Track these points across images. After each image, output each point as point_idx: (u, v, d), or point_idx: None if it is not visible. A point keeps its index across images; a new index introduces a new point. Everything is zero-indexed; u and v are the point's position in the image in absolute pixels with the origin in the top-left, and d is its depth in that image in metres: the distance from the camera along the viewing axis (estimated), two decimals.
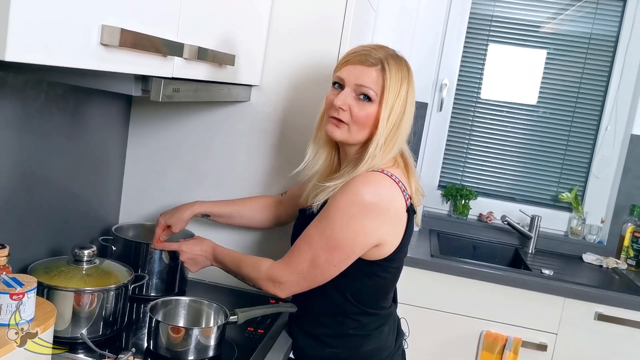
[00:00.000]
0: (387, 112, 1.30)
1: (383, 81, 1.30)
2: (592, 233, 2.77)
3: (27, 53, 0.74)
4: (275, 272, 1.36)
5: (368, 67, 1.31)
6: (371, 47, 1.34)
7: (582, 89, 2.83)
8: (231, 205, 1.70)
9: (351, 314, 1.38)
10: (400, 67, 1.32)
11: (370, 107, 1.31)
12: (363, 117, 1.31)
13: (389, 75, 1.30)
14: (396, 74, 1.31)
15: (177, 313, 1.41)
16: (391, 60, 1.32)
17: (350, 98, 1.31)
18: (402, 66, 1.33)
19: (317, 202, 1.35)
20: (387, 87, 1.30)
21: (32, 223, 1.44)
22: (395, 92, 1.30)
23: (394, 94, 1.30)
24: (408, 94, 1.33)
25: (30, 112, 1.36)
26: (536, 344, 2.24)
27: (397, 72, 1.31)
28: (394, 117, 1.31)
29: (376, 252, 1.32)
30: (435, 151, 2.93)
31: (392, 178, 1.30)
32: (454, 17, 2.86)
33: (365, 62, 1.31)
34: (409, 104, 1.34)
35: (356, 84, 1.31)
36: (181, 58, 1.14)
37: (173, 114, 1.82)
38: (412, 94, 1.35)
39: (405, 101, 1.33)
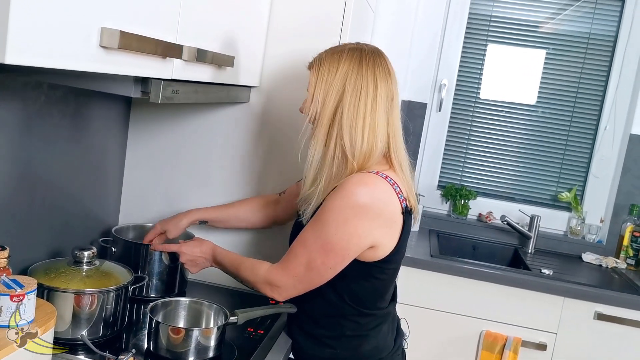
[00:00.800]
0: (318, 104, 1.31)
1: (313, 77, 1.34)
2: (591, 233, 2.77)
3: (27, 56, 0.74)
4: (272, 276, 1.36)
5: (309, 70, 1.36)
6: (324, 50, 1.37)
7: (581, 89, 2.83)
8: (227, 209, 1.71)
9: (349, 315, 1.38)
10: (338, 61, 1.31)
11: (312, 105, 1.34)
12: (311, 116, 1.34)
13: (319, 71, 1.32)
14: (328, 68, 1.31)
15: (177, 314, 1.42)
16: (328, 57, 1.33)
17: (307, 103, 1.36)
18: (339, 60, 1.31)
19: (306, 213, 1.36)
20: (318, 81, 1.32)
21: (32, 224, 1.45)
22: (325, 84, 1.31)
23: (324, 86, 1.31)
24: (346, 85, 1.30)
25: (30, 114, 1.36)
26: (536, 344, 2.25)
27: (331, 66, 1.31)
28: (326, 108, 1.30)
29: (372, 254, 1.32)
30: (434, 151, 2.93)
31: (387, 180, 1.30)
32: (452, 17, 2.86)
33: (309, 66, 1.37)
34: (349, 96, 1.29)
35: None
36: (180, 60, 1.15)
37: (172, 115, 1.82)
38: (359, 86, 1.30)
39: (342, 92, 1.30)
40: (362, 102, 1.29)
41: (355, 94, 1.30)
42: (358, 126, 1.29)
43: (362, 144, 1.30)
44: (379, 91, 1.31)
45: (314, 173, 1.34)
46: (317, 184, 1.33)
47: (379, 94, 1.31)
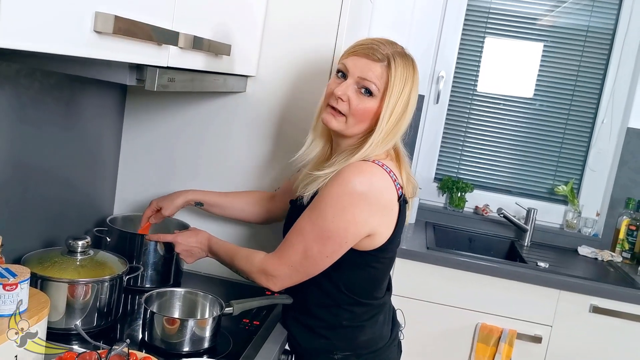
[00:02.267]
0: (389, 111, 1.29)
1: (387, 78, 1.29)
2: (587, 226, 2.77)
3: (19, 40, 0.73)
4: (267, 265, 1.35)
5: (374, 61, 1.29)
6: (381, 41, 1.32)
7: (579, 82, 2.82)
8: (224, 196, 1.70)
9: (345, 305, 1.38)
10: (407, 66, 1.31)
11: (370, 101, 1.30)
12: (361, 111, 1.30)
13: (394, 73, 1.28)
14: (402, 73, 1.29)
15: (172, 304, 1.41)
16: (398, 57, 1.30)
17: (351, 90, 1.30)
18: (408, 65, 1.31)
19: (308, 192, 1.34)
20: (391, 84, 1.28)
21: (25, 214, 1.43)
22: (398, 90, 1.29)
23: (397, 92, 1.29)
24: (411, 94, 1.32)
25: (24, 102, 1.35)
26: (531, 336, 2.25)
27: (403, 71, 1.29)
28: (395, 115, 1.30)
29: (368, 243, 1.32)
30: (431, 143, 2.93)
31: (384, 168, 1.29)
32: (451, 10, 2.85)
33: (371, 56, 1.29)
34: (411, 103, 1.33)
35: (359, 76, 1.30)
36: (176, 47, 1.13)
37: (168, 104, 1.81)
38: (415, 94, 1.34)
39: (408, 101, 1.32)
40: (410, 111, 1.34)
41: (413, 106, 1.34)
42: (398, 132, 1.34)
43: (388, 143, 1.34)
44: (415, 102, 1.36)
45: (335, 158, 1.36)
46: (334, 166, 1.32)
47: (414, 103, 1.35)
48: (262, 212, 1.69)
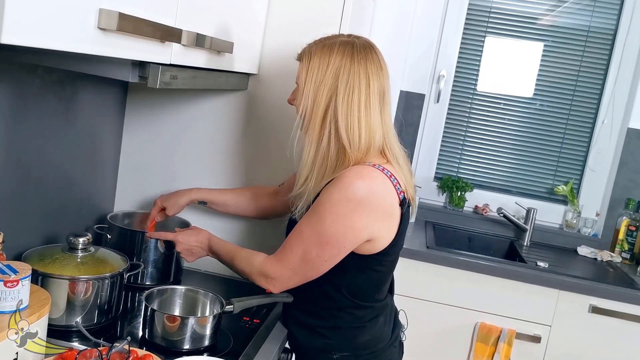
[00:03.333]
0: (309, 101, 1.29)
1: (303, 72, 1.32)
2: (587, 226, 2.78)
3: (23, 36, 0.72)
4: (267, 268, 1.35)
5: (299, 62, 1.34)
6: (313, 41, 1.34)
7: (580, 82, 2.82)
8: (227, 193, 1.70)
9: (346, 308, 1.37)
10: (329, 55, 1.28)
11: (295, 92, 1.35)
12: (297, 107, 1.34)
13: (309, 65, 1.30)
14: (318, 63, 1.29)
15: (173, 302, 1.41)
16: (318, 51, 1.30)
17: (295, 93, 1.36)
18: (330, 54, 1.28)
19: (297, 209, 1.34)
20: (308, 75, 1.30)
21: (26, 210, 1.43)
22: (316, 80, 1.29)
23: (314, 82, 1.29)
24: (339, 81, 1.27)
25: (26, 98, 1.34)
26: (530, 336, 2.25)
27: (321, 61, 1.29)
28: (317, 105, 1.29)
29: (369, 247, 1.31)
30: (431, 143, 2.93)
31: (384, 172, 1.29)
32: (452, 9, 2.84)
33: (298, 58, 1.35)
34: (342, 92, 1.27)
35: None
36: (179, 44, 1.13)
37: (169, 101, 1.81)
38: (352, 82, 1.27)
39: (335, 88, 1.27)
40: (355, 99, 1.27)
41: (348, 90, 1.27)
42: (354, 123, 1.27)
43: (359, 141, 1.28)
44: (371, 88, 1.28)
45: (308, 171, 1.33)
46: (308, 181, 1.32)
47: (372, 90, 1.28)
48: (266, 208, 1.69)
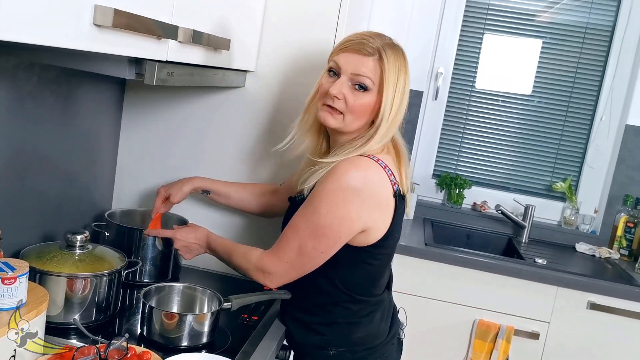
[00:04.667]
0: (389, 102, 1.29)
1: (381, 71, 1.28)
2: (585, 223, 2.78)
3: (19, 33, 0.72)
4: (264, 262, 1.35)
5: (365, 56, 1.28)
6: (368, 35, 1.32)
7: (578, 79, 2.82)
8: (230, 186, 1.70)
9: (341, 302, 1.38)
10: (398, 57, 1.31)
11: (366, 96, 1.30)
12: (359, 107, 1.30)
13: (387, 64, 1.28)
14: (394, 64, 1.29)
15: (171, 299, 1.41)
16: (389, 49, 1.30)
17: (345, 87, 1.30)
18: (399, 56, 1.32)
19: (307, 184, 1.34)
20: (386, 76, 1.28)
21: (23, 208, 1.43)
22: (394, 81, 1.29)
23: (392, 83, 1.29)
24: (406, 83, 1.32)
25: (22, 96, 1.34)
26: (529, 333, 2.26)
27: (395, 61, 1.29)
28: (395, 106, 1.30)
29: (363, 239, 1.31)
30: (430, 140, 2.93)
31: (379, 163, 1.29)
32: (450, 6, 2.84)
33: (362, 50, 1.29)
34: (405, 94, 1.33)
35: (352, 72, 1.29)
36: (176, 41, 1.13)
37: (166, 99, 1.81)
38: (408, 83, 1.35)
39: (404, 90, 1.32)
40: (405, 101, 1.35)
41: (407, 97, 1.35)
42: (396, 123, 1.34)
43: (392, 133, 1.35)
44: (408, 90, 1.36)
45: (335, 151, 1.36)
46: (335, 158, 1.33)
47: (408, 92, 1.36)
48: (265, 205, 1.69)
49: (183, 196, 1.64)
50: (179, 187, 1.64)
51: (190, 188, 1.65)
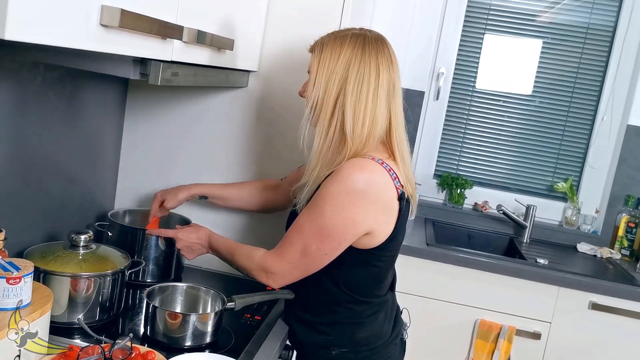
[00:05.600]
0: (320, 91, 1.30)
1: (315, 62, 1.32)
2: (586, 223, 2.78)
3: (26, 33, 0.72)
4: (267, 262, 1.35)
5: (311, 53, 1.35)
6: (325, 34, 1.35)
7: (579, 79, 2.82)
8: (228, 188, 1.70)
9: (344, 303, 1.38)
10: (340, 46, 1.29)
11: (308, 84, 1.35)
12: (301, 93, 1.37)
13: (321, 56, 1.30)
14: (330, 54, 1.29)
15: (174, 299, 1.41)
16: (330, 42, 1.31)
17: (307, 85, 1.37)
18: (342, 45, 1.29)
19: (299, 200, 1.35)
20: (319, 66, 1.30)
21: (27, 208, 1.43)
22: (327, 70, 1.29)
23: (325, 72, 1.29)
24: (349, 72, 1.28)
25: (27, 96, 1.34)
26: (530, 333, 2.26)
27: (333, 51, 1.29)
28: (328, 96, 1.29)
29: (368, 241, 1.31)
30: (431, 140, 2.93)
31: (383, 165, 1.29)
32: (451, 6, 2.84)
33: (310, 49, 1.35)
34: (352, 83, 1.28)
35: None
36: (180, 41, 1.13)
37: (169, 99, 1.81)
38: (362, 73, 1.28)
39: (345, 79, 1.28)
40: (364, 89, 1.28)
41: (357, 81, 1.28)
42: (359, 113, 1.28)
43: (361, 131, 1.29)
44: (380, 79, 1.30)
45: (315, 161, 1.33)
46: (315, 171, 1.33)
47: (380, 82, 1.30)
48: (266, 201, 1.69)
49: (178, 203, 1.65)
50: (174, 194, 1.64)
51: (186, 195, 1.65)
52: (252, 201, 1.70)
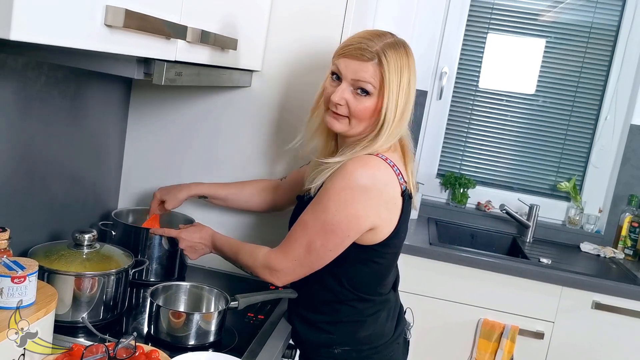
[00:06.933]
0: (393, 104, 1.29)
1: (381, 75, 1.28)
2: (589, 222, 2.78)
3: (31, 33, 0.73)
4: (271, 260, 1.35)
5: (364, 61, 1.28)
6: (368, 37, 1.30)
7: (582, 79, 2.82)
8: (228, 187, 1.70)
9: (347, 301, 1.38)
10: (399, 56, 1.29)
11: (368, 100, 1.29)
12: (361, 111, 1.30)
13: (387, 67, 1.27)
14: (395, 65, 1.28)
15: (178, 298, 1.41)
16: (389, 51, 1.28)
17: (347, 92, 1.30)
18: (400, 55, 1.30)
19: (315, 183, 1.34)
20: (387, 79, 1.27)
21: (31, 207, 1.44)
22: (396, 83, 1.28)
23: (395, 85, 1.28)
24: (410, 82, 1.31)
25: (31, 95, 1.35)
26: (533, 332, 2.26)
27: (396, 63, 1.28)
28: (399, 108, 1.30)
29: (371, 237, 1.32)
30: (434, 139, 2.93)
31: (387, 162, 1.30)
32: (454, 6, 2.84)
33: (361, 57, 1.28)
34: (411, 92, 1.33)
35: (353, 78, 1.29)
36: (184, 41, 1.13)
37: (173, 98, 1.81)
38: (414, 80, 1.33)
39: (408, 90, 1.31)
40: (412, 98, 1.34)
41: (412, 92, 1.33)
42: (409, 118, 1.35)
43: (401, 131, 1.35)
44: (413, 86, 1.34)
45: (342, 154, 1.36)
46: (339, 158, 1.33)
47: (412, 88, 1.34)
48: (266, 202, 1.69)
49: (178, 203, 1.65)
50: (174, 195, 1.64)
51: (186, 195, 1.66)
52: (251, 201, 1.70)
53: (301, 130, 1.49)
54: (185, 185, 1.68)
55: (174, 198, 1.64)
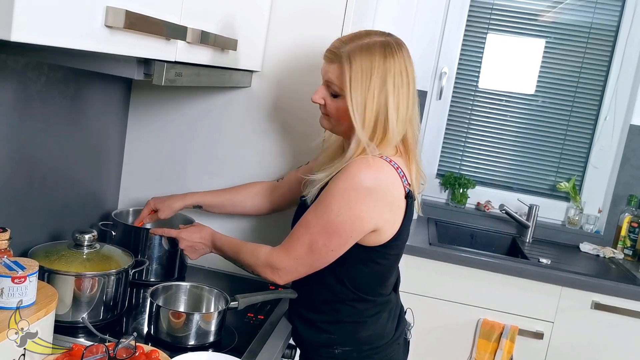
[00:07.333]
0: (359, 107, 1.27)
1: (345, 76, 1.27)
2: (589, 223, 2.78)
3: (32, 34, 0.73)
4: (273, 259, 1.36)
5: (330, 63, 1.32)
6: (346, 38, 1.31)
7: (582, 79, 2.82)
8: (222, 194, 1.70)
9: (348, 301, 1.38)
10: (370, 58, 1.26)
11: (338, 102, 1.32)
12: (333, 111, 1.34)
13: (351, 68, 1.26)
14: (360, 67, 1.26)
15: (178, 298, 1.41)
16: (357, 53, 1.27)
17: (325, 93, 1.34)
18: (372, 56, 1.27)
19: (307, 194, 1.36)
20: (351, 81, 1.26)
21: (31, 207, 1.44)
22: (362, 86, 1.26)
23: (360, 87, 1.26)
24: (387, 84, 1.27)
25: (31, 95, 1.35)
26: (533, 332, 2.26)
27: (364, 63, 1.26)
28: (370, 111, 1.27)
29: (373, 238, 1.32)
30: (434, 140, 2.93)
31: (391, 164, 1.30)
32: (454, 6, 2.84)
33: (328, 58, 1.32)
34: (392, 94, 1.28)
35: (324, 80, 1.34)
36: (184, 42, 1.13)
37: (173, 99, 1.81)
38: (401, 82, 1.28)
39: (384, 92, 1.27)
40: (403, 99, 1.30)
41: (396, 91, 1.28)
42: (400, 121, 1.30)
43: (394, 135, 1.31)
44: (411, 85, 1.32)
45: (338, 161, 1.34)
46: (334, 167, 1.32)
47: (412, 88, 1.32)
48: (264, 204, 1.69)
49: (171, 213, 1.66)
50: (168, 205, 1.65)
51: (181, 205, 1.66)
52: (248, 206, 1.69)
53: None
54: (180, 195, 1.68)
55: (168, 208, 1.64)
